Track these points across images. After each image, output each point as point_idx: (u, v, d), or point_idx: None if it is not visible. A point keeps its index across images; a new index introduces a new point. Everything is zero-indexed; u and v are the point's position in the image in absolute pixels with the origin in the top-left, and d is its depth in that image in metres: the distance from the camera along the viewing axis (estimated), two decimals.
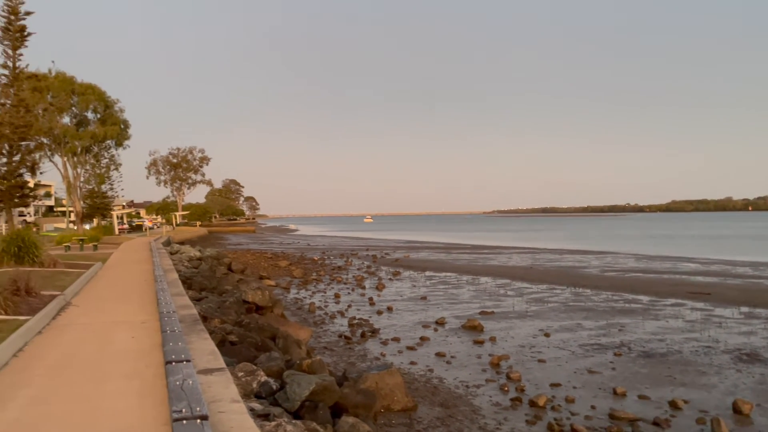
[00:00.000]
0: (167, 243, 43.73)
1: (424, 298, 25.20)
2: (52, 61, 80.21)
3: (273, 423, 5.51)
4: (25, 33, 20.94)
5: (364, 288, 29.03)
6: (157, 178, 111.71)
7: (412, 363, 14.16)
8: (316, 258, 48.13)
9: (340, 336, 17.37)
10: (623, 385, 12.08)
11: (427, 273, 35.56)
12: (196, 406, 4.53)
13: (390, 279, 32.69)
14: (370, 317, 20.54)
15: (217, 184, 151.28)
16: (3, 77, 20.21)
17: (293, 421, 5.80)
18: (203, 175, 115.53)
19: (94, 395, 5.50)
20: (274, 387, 7.47)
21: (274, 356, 9.09)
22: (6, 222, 24.09)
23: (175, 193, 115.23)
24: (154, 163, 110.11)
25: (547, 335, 17.20)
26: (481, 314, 20.79)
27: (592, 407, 10.76)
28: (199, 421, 4.23)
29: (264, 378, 7.55)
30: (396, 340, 16.76)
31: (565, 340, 16.60)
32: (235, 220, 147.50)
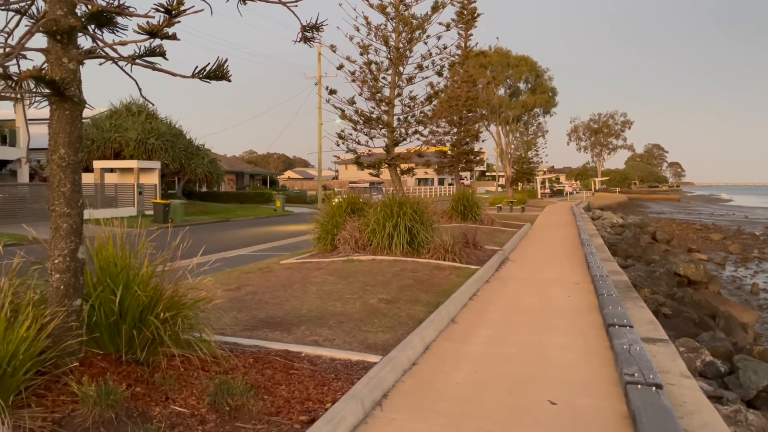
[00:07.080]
0: (588, 208, 44.04)
1: None
2: (497, 38, 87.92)
3: (730, 408, 5.00)
4: (476, 15, 23.61)
5: None
6: (577, 144, 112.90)
7: None
8: (757, 233, 41.53)
9: None
10: None
11: None
12: (648, 373, 4.44)
13: None
14: None
15: (639, 149, 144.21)
16: (456, 56, 23.17)
17: (753, 411, 5.15)
18: (624, 140, 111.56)
19: (541, 345, 5.95)
20: (722, 369, 6.78)
21: (719, 336, 8.23)
22: (452, 184, 27.99)
23: (594, 158, 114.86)
24: (575, 130, 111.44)
25: None
26: None
27: None
28: (654, 389, 4.13)
29: (709, 358, 6.92)
30: None
31: None
32: (657, 187, 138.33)
